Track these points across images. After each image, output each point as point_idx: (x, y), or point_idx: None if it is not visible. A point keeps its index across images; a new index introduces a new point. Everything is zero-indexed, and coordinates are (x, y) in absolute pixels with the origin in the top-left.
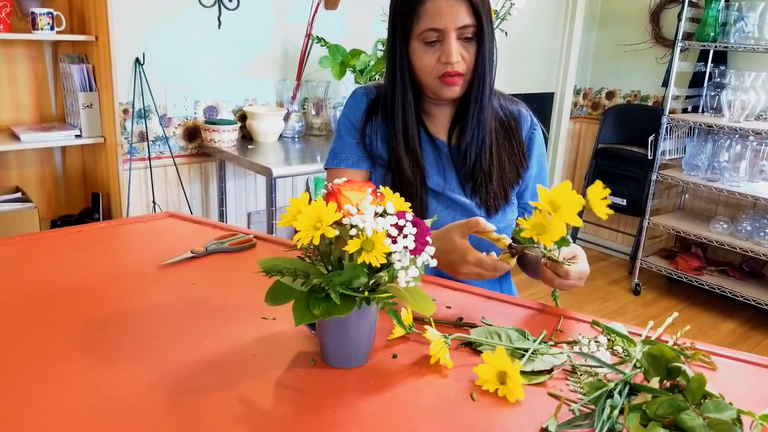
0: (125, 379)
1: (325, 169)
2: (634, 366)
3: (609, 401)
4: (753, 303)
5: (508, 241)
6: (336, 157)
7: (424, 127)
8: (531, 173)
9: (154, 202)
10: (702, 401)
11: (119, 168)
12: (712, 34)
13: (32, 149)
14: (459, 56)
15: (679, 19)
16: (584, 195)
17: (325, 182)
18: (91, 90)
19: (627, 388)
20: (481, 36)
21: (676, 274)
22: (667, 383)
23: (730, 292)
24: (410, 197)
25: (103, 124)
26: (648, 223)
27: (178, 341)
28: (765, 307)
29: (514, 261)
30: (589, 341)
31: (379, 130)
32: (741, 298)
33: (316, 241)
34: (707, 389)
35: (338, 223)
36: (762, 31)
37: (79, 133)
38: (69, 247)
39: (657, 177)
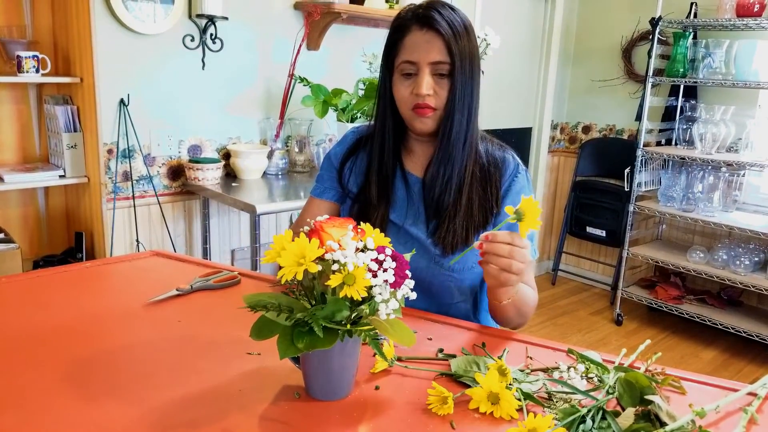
0: (113, 416)
1: None
2: (607, 392)
3: (582, 426)
4: (732, 331)
5: None
6: (313, 185)
7: (400, 163)
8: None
9: (137, 240)
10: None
11: (103, 207)
12: (681, 69)
13: (15, 189)
14: (431, 90)
15: (650, 56)
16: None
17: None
18: (75, 131)
19: (600, 413)
20: (453, 74)
21: (656, 304)
22: (639, 409)
23: (709, 321)
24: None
25: (87, 164)
26: (627, 253)
27: (164, 377)
28: (744, 334)
29: None
30: (568, 368)
31: (356, 167)
32: (720, 327)
33: (300, 277)
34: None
35: (321, 259)
36: (729, 66)
37: (63, 174)
38: (55, 287)
39: (634, 208)
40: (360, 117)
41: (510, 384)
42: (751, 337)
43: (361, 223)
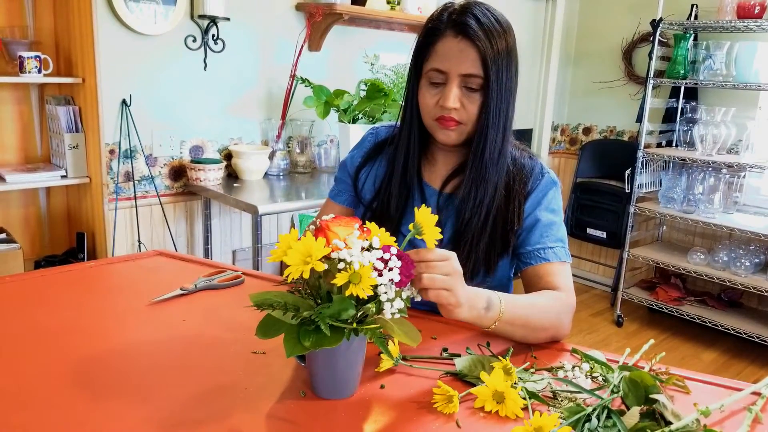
0: (118, 415)
1: None
2: (612, 391)
3: (587, 425)
4: (733, 332)
5: None
6: (332, 185)
7: (418, 172)
8: (525, 224)
9: (139, 241)
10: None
11: (105, 208)
12: (682, 71)
13: (17, 190)
14: (458, 103)
15: (650, 58)
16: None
17: None
18: (77, 131)
19: (605, 412)
20: (487, 90)
21: (657, 305)
22: (644, 408)
23: (710, 322)
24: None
25: (89, 164)
26: (628, 255)
27: (169, 377)
28: (744, 336)
29: None
30: (573, 367)
31: (374, 173)
32: (721, 328)
33: (306, 275)
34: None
35: (327, 258)
36: (729, 68)
37: (65, 174)
38: (59, 287)
39: (635, 210)
40: (361, 118)
41: (515, 383)
42: (751, 338)
43: (367, 222)
